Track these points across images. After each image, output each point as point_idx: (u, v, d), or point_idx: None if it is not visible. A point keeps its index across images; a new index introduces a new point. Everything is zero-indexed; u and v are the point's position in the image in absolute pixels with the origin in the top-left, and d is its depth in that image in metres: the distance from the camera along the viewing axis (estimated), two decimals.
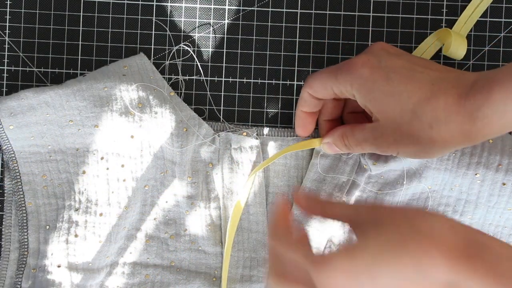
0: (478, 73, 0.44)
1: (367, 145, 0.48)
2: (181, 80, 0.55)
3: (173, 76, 0.55)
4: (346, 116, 0.52)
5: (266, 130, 0.54)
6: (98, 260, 0.52)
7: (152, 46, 0.55)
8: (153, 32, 0.55)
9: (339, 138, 0.49)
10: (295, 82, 0.55)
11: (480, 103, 0.42)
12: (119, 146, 0.53)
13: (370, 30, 0.55)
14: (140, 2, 0.55)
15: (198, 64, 0.55)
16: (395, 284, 0.36)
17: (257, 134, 0.54)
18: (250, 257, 0.54)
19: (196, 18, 0.55)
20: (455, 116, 0.43)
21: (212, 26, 0.55)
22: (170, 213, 0.54)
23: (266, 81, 0.56)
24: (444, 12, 0.55)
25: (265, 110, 0.56)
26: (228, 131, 0.54)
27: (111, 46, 0.55)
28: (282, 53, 0.55)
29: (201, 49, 0.55)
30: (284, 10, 0.55)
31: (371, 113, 0.47)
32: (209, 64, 0.55)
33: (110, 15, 0.55)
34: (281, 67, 0.55)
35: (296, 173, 0.54)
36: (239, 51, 0.55)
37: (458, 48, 0.52)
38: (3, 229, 0.53)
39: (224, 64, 0.55)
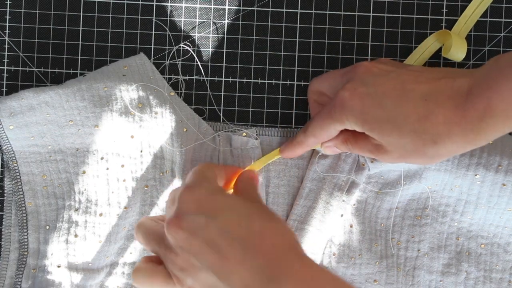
0: (469, 78, 0.44)
1: (371, 156, 0.48)
2: (181, 80, 0.55)
3: (173, 76, 0.55)
4: None
5: (265, 130, 0.54)
6: (98, 260, 0.52)
7: (152, 46, 0.55)
8: (153, 32, 0.55)
9: (342, 143, 0.50)
10: (295, 82, 0.55)
11: (481, 114, 0.42)
12: (119, 146, 0.53)
13: (370, 30, 0.55)
14: (140, 2, 0.55)
15: (199, 63, 0.55)
16: None
17: (257, 134, 0.54)
18: None
19: (196, 18, 0.55)
20: (457, 129, 0.43)
21: (212, 26, 0.55)
22: None
23: (266, 81, 0.55)
24: (444, 12, 0.55)
25: (265, 110, 0.56)
26: (227, 131, 0.54)
27: (111, 46, 0.55)
28: (282, 53, 0.55)
29: (201, 49, 0.55)
30: (284, 10, 0.55)
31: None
32: (209, 64, 0.55)
33: (110, 15, 0.55)
34: (281, 67, 0.55)
35: (296, 173, 0.54)
36: (239, 51, 0.55)
37: (458, 50, 0.52)
38: (3, 229, 0.53)
39: (224, 64, 0.55)
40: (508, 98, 0.41)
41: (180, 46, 0.55)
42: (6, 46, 0.55)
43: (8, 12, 0.55)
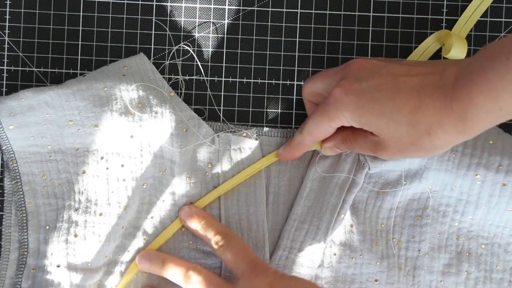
0: (457, 68, 0.44)
1: (371, 153, 0.49)
2: (181, 80, 0.55)
3: (173, 76, 0.55)
4: None
5: (265, 130, 0.54)
6: (97, 260, 0.52)
7: (152, 46, 0.55)
8: (153, 32, 0.55)
9: (341, 142, 0.50)
10: (295, 82, 0.55)
11: (465, 105, 0.42)
12: (119, 146, 0.53)
13: (370, 30, 0.55)
14: (140, 2, 0.55)
15: (199, 63, 0.55)
16: None
17: (257, 135, 0.54)
18: None
19: (196, 18, 0.55)
20: (447, 118, 0.43)
21: (212, 26, 0.55)
22: (167, 212, 0.54)
23: (266, 81, 0.56)
24: (444, 12, 0.55)
25: (265, 110, 0.56)
26: (227, 131, 0.54)
27: (111, 46, 0.55)
28: (282, 53, 0.55)
29: (201, 49, 0.55)
30: (284, 10, 0.55)
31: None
32: (209, 64, 0.55)
33: (110, 15, 0.55)
34: (281, 67, 0.55)
35: (296, 173, 0.54)
36: (239, 51, 0.55)
37: (458, 50, 0.52)
38: (3, 229, 0.53)
39: (224, 64, 0.55)
40: (485, 91, 0.41)
41: (180, 46, 0.55)
42: (6, 46, 0.55)
43: (8, 12, 0.55)
